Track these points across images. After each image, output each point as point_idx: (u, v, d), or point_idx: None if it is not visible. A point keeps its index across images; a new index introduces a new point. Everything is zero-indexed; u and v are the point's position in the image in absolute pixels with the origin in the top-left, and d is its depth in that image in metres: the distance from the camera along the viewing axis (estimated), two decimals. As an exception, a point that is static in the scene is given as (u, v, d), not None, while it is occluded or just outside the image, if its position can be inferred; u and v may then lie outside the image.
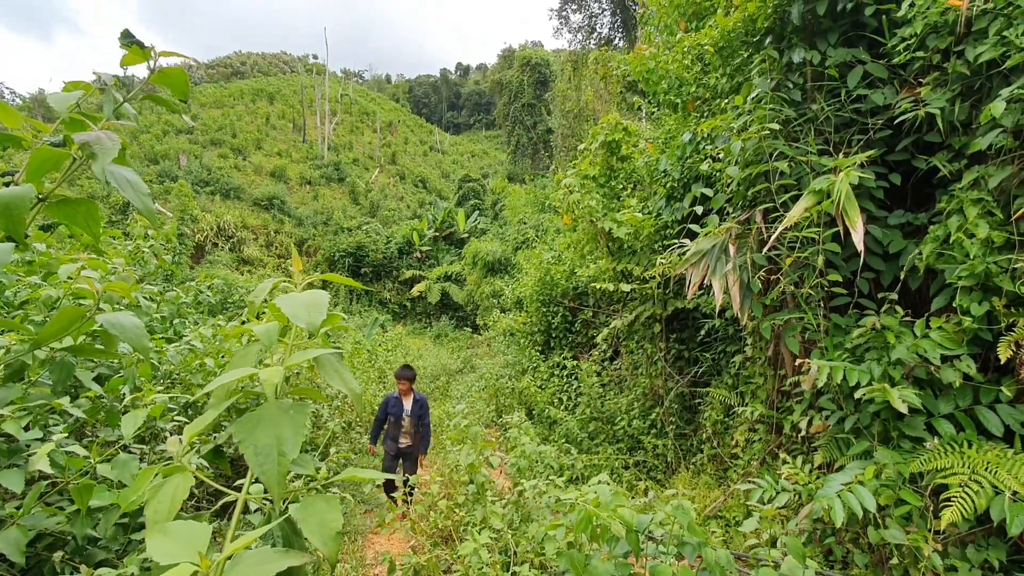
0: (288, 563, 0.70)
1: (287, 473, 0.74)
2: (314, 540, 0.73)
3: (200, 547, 0.69)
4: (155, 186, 25.31)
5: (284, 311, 0.85)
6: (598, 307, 8.34)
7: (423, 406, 5.84)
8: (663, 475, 5.72)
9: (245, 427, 0.76)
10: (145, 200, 0.86)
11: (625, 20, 22.19)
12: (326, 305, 0.88)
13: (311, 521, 0.75)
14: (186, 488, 0.81)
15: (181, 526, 0.73)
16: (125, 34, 0.89)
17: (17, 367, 1.65)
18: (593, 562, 2.02)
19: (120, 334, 1.00)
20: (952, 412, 2.82)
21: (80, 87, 0.91)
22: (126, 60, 0.91)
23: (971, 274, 2.65)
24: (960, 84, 2.85)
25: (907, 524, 2.67)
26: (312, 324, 0.84)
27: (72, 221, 0.91)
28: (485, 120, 73.12)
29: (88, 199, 0.92)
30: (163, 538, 0.70)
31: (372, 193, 34.74)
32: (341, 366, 0.91)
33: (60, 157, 0.81)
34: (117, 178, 0.82)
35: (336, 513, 0.77)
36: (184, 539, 0.71)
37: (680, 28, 6.04)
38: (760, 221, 3.67)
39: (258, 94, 46.94)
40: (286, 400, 0.84)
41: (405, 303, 24.03)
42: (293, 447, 0.75)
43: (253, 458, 0.73)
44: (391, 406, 5.73)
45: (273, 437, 0.75)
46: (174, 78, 0.94)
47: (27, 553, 1.75)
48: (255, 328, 0.90)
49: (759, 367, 4.33)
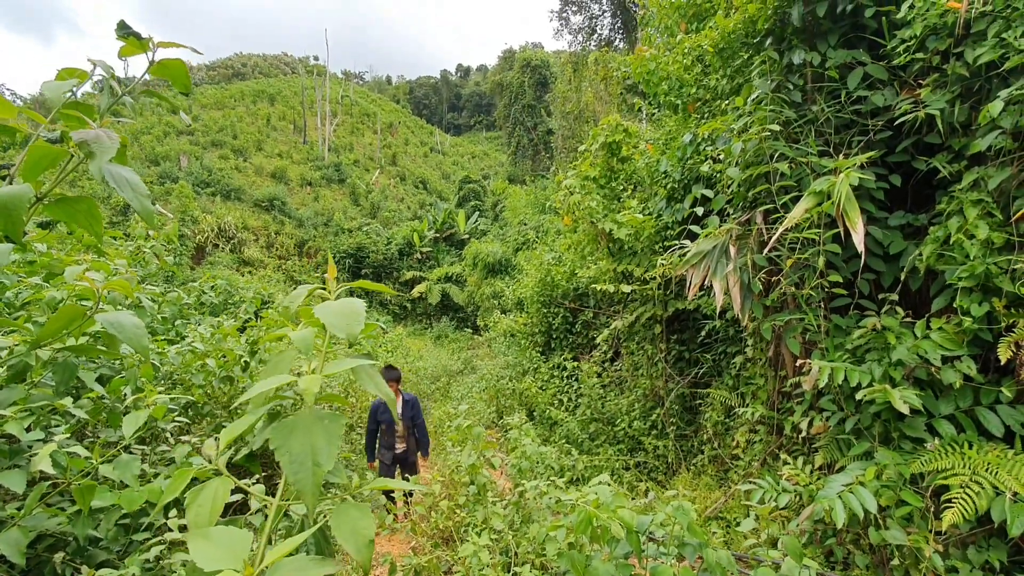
0: (325, 571, 0.70)
1: (321, 482, 0.74)
2: (348, 547, 0.74)
3: (242, 554, 0.69)
4: (156, 187, 25.35)
5: (322, 319, 0.85)
6: (599, 308, 8.35)
7: (414, 406, 5.56)
8: (664, 476, 5.72)
9: (281, 433, 0.76)
10: (144, 201, 0.86)
11: (625, 22, 22.22)
12: (363, 314, 0.88)
13: (344, 528, 0.75)
14: (226, 492, 0.81)
15: (223, 532, 0.73)
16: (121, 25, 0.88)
17: (20, 368, 1.66)
18: (594, 563, 2.02)
19: (119, 334, 1.00)
20: (953, 413, 2.82)
21: (75, 75, 0.90)
22: (123, 51, 0.90)
23: (971, 275, 2.65)
24: (959, 86, 2.85)
25: (908, 525, 2.67)
26: (351, 334, 0.83)
27: (73, 220, 0.91)
28: (486, 121, 73.20)
29: (88, 197, 0.92)
30: (206, 543, 0.70)
31: (373, 194, 34.77)
32: (374, 373, 0.92)
33: (57, 154, 0.80)
34: (116, 178, 0.82)
35: (369, 520, 0.77)
36: (226, 545, 0.71)
37: (680, 29, 6.05)
38: (761, 222, 3.67)
39: (259, 95, 46.99)
40: (320, 409, 0.84)
41: (405, 304, 24.03)
42: (328, 457, 0.75)
43: (288, 465, 0.73)
44: (380, 413, 5.42)
45: (308, 446, 0.75)
46: (174, 70, 0.93)
47: (28, 554, 1.76)
48: (291, 334, 0.89)
49: (760, 368, 4.33)
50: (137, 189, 0.85)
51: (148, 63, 0.91)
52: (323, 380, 0.87)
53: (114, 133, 0.83)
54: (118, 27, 0.88)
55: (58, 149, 0.79)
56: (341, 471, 0.94)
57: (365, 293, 24.45)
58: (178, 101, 40.10)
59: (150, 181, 25.52)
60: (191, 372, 3.43)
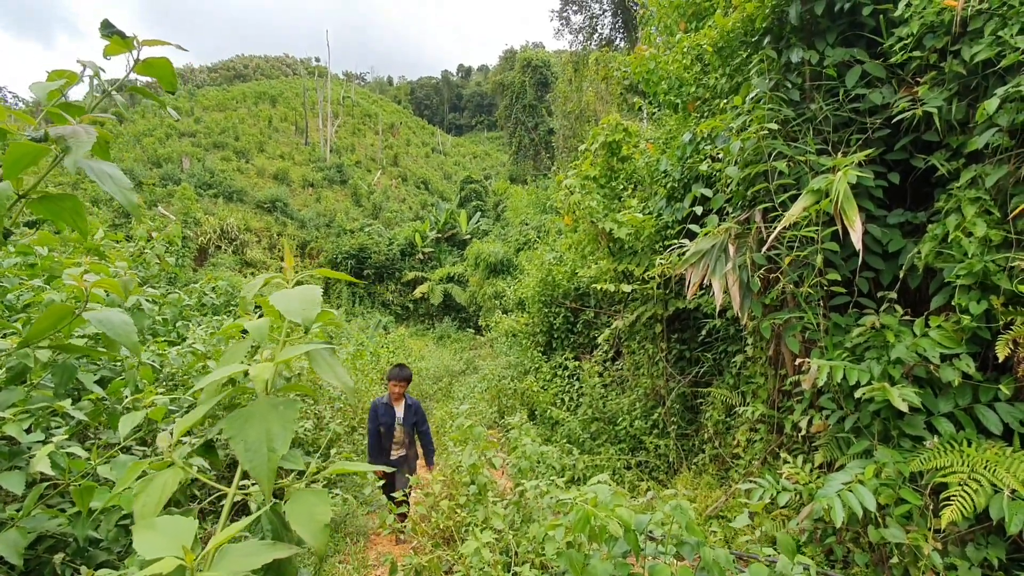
0: (274, 555, 0.71)
1: (276, 468, 0.75)
2: (302, 532, 0.74)
3: (185, 541, 0.70)
4: (158, 189, 25.44)
5: (277, 306, 0.86)
6: (600, 308, 8.35)
7: (418, 412, 5.19)
8: (665, 475, 5.72)
9: (235, 423, 0.78)
10: (127, 194, 0.87)
11: (626, 21, 22.21)
12: (319, 300, 0.89)
13: (300, 514, 0.76)
14: (175, 482, 0.82)
15: (167, 521, 0.75)
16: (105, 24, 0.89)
17: (19, 370, 1.67)
18: (592, 562, 2.02)
19: (108, 331, 1.01)
20: (952, 411, 2.82)
21: (64, 76, 0.91)
22: (108, 50, 0.91)
23: (969, 272, 2.65)
24: (957, 83, 2.85)
25: (907, 523, 2.67)
26: (307, 319, 0.84)
27: (58, 217, 0.92)
28: (487, 121, 73.20)
29: (73, 195, 0.93)
30: (150, 532, 0.72)
31: (374, 195, 34.82)
32: (333, 360, 0.92)
33: (39, 152, 0.81)
34: (97, 172, 0.83)
35: (325, 506, 0.78)
36: (170, 533, 0.72)
37: (680, 29, 6.04)
38: (760, 221, 3.67)
39: (260, 97, 47.10)
40: (276, 397, 0.85)
41: (408, 305, 24.06)
42: (283, 443, 0.76)
43: (243, 453, 0.75)
44: (381, 414, 5.06)
45: (263, 432, 0.76)
46: (159, 68, 0.94)
47: (28, 555, 1.77)
48: (246, 324, 0.91)
49: (760, 367, 4.33)
50: (119, 183, 0.86)
51: (133, 61, 0.92)
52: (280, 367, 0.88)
53: (92, 129, 0.83)
54: (102, 26, 0.89)
55: (39, 147, 0.80)
56: (297, 457, 0.94)
57: (368, 295, 24.53)
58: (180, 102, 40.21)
59: (152, 183, 25.62)
60: (192, 374, 3.45)
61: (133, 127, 32.85)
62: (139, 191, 24.81)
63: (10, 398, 1.67)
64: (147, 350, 2.86)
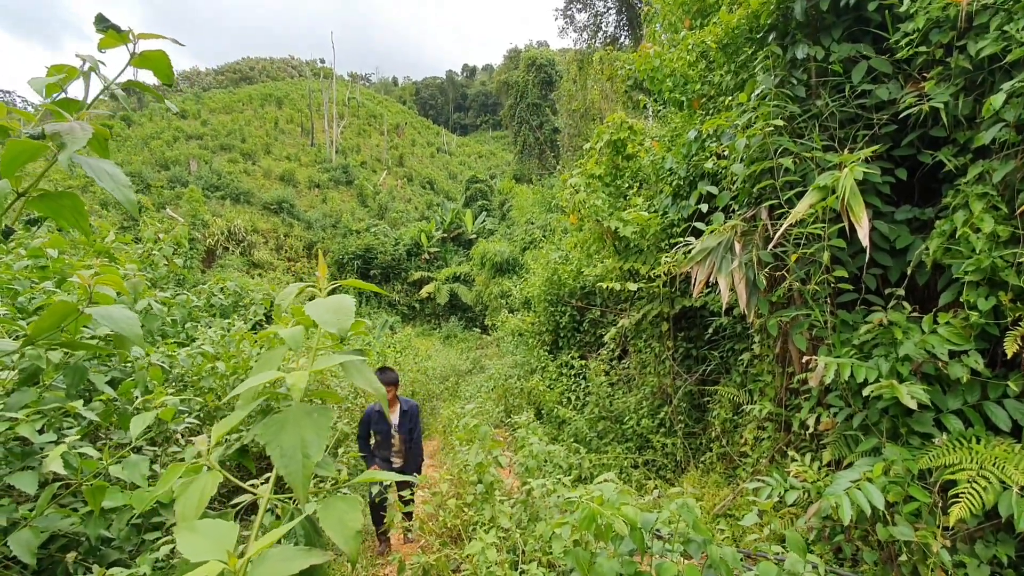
0: (311, 561, 0.72)
1: (311, 474, 0.76)
2: (335, 539, 0.76)
3: (228, 545, 0.71)
4: (166, 191, 25.65)
5: (312, 316, 0.87)
6: (606, 306, 8.34)
7: (413, 417, 4.82)
8: (672, 474, 5.71)
9: (271, 429, 0.79)
10: (125, 191, 0.88)
11: (631, 18, 22.14)
12: (353, 310, 0.90)
13: (332, 520, 0.77)
14: (214, 486, 0.84)
15: (210, 524, 0.76)
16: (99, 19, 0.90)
17: (32, 371, 1.70)
18: (599, 560, 2.03)
19: (112, 326, 1.03)
20: (961, 408, 2.80)
21: (63, 71, 0.92)
22: (103, 44, 0.91)
23: (977, 269, 2.63)
24: (963, 79, 2.83)
25: (916, 521, 2.66)
26: (342, 328, 0.86)
27: (57, 215, 0.93)
28: (492, 121, 73.26)
29: (72, 193, 0.94)
30: (192, 535, 0.73)
31: (380, 195, 34.94)
32: (366, 369, 0.93)
33: (36, 149, 0.81)
34: (94, 169, 0.85)
35: (356, 513, 0.79)
36: (213, 537, 0.73)
37: (685, 26, 6.03)
38: (766, 218, 3.65)
39: (266, 99, 47.36)
40: (309, 404, 0.87)
41: (414, 304, 24.14)
42: (317, 450, 0.77)
43: (279, 459, 0.76)
44: (374, 423, 4.73)
45: (298, 439, 0.77)
46: (156, 61, 0.95)
47: (41, 554, 1.80)
48: (281, 331, 0.92)
49: (767, 365, 4.31)
50: (117, 180, 0.87)
51: (129, 55, 0.93)
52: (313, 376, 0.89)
53: (87, 125, 0.84)
54: (96, 20, 0.90)
55: (36, 144, 0.81)
56: (330, 464, 0.96)
57: (374, 295, 24.63)
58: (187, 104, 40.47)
59: (160, 186, 25.83)
60: (202, 375, 3.48)
61: (141, 130, 33.14)
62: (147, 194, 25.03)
63: (23, 399, 1.70)
64: (157, 351, 2.89)
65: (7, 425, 1.66)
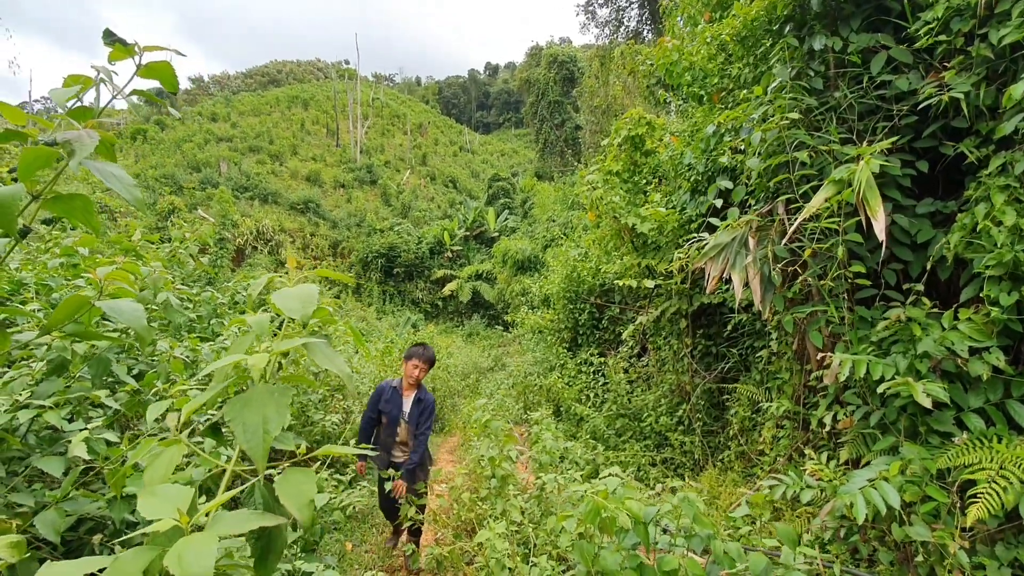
0: (262, 523, 0.78)
1: (269, 447, 0.82)
2: (290, 506, 0.81)
3: (182, 506, 0.77)
4: (198, 192, 26.40)
5: (277, 304, 0.93)
6: (625, 303, 8.30)
7: (426, 410, 4.13)
8: (691, 472, 5.67)
9: (235, 407, 0.85)
10: (131, 190, 0.95)
11: (653, 12, 21.87)
12: (316, 298, 0.96)
13: (289, 490, 0.83)
14: (179, 457, 0.91)
15: (169, 488, 0.83)
16: (107, 33, 0.96)
17: (59, 362, 1.80)
18: (603, 553, 2.05)
19: (119, 317, 1.10)
20: (982, 406, 2.72)
21: (79, 81, 0.99)
22: (112, 56, 0.98)
23: (999, 263, 2.55)
24: (985, 67, 2.74)
25: (935, 521, 2.60)
26: (304, 315, 0.92)
27: (70, 215, 1.01)
28: (514, 119, 73.27)
29: (83, 194, 1.02)
30: (152, 498, 0.80)
31: (403, 194, 35.32)
32: (331, 351, 0.98)
33: (50, 155, 0.89)
34: (102, 172, 0.91)
35: (311, 484, 0.84)
36: (170, 499, 0.80)
37: (704, 19, 5.95)
38: (782, 213, 3.60)
39: (293, 101, 48.31)
40: (273, 384, 0.92)
41: (437, 302, 24.37)
42: (276, 425, 0.83)
43: (241, 435, 0.82)
44: (385, 399, 4.11)
45: (260, 416, 0.83)
46: (160, 72, 1.01)
47: (70, 536, 1.91)
48: (248, 319, 0.99)
49: (785, 362, 4.25)
50: (123, 180, 0.94)
51: (136, 66, 0.99)
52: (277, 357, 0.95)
53: (95, 132, 0.91)
54: (104, 35, 0.97)
55: (49, 150, 0.88)
56: (289, 439, 1.01)
57: (398, 293, 24.95)
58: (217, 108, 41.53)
59: (192, 187, 26.61)
60: (224, 368, 3.60)
61: (174, 133, 34.17)
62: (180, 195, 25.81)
63: (51, 388, 1.80)
64: (181, 345, 3.01)
65: (36, 412, 1.76)
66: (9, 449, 1.91)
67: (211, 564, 0.61)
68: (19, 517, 1.74)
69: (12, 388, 1.93)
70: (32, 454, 1.92)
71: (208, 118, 39.42)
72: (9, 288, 3.13)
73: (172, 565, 0.61)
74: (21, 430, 1.97)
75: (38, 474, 2.13)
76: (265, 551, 0.87)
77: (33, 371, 1.99)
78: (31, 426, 1.98)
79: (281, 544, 0.88)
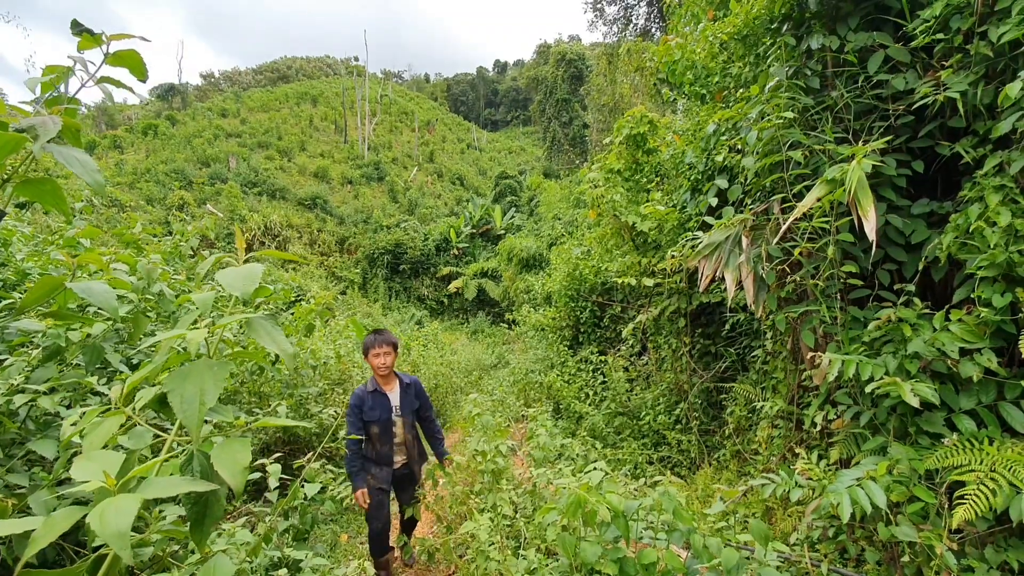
0: (192, 487, 0.82)
1: (204, 417, 0.86)
2: (224, 474, 0.84)
3: (112, 470, 0.81)
4: (207, 188, 26.64)
5: (221, 282, 0.97)
6: (626, 302, 8.30)
7: (420, 393, 3.76)
8: (687, 471, 5.67)
9: (175, 380, 0.89)
10: (94, 175, 0.98)
11: (661, 10, 21.77)
12: (259, 277, 0.99)
13: (224, 458, 0.86)
14: (116, 426, 0.95)
15: (103, 454, 0.87)
16: (74, 24, 1.00)
17: (54, 349, 1.85)
18: (583, 545, 2.07)
19: (90, 298, 1.14)
20: (974, 408, 2.71)
21: (56, 71, 1.03)
22: (81, 45, 1.02)
23: (992, 264, 2.54)
24: (983, 66, 2.72)
25: (922, 522, 2.60)
26: (245, 292, 0.95)
27: (40, 199, 1.05)
28: (522, 116, 73.19)
29: (52, 179, 1.05)
30: (87, 463, 0.84)
31: (410, 191, 35.43)
32: (273, 329, 1.01)
33: (19, 140, 0.92)
34: (65, 156, 0.95)
35: (246, 453, 0.88)
36: (103, 463, 0.84)
37: (708, 17, 5.93)
38: (777, 212, 3.60)
39: (302, 97, 48.56)
40: (213, 359, 0.96)
41: (442, 299, 24.44)
42: (212, 396, 0.87)
43: (178, 405, 0.86)
44: (370, 408, 3.54)
45: (198, 388, 0.87)
46: (128, 59, 1.05)
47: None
48: (193, 296, 1.03)
49: (780, 361, 4.25)
50: (86, 165, 0.97)
51: (103, 55, 1.03)
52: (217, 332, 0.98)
53: (58, 118, 0.95)
54: (72, 25, 1.00)
55: (17, 136, 0.91)
56: (228, 411, 1.04)
57: (403, 290, 25.04)
58: (228, 104, 41.80)
59: (201, 182, 26.84)
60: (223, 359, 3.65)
61: (184, 128, 34.47)
62: (190, 190, 26.05)
63: (45, 374, 1.85)
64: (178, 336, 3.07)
65: (31, 397, 1.81)
66: (7, 432, 1.96)
67: (128, 523, 0.64)
68: (15, 497, 1.80)
69: (9, 373, 1.99)
70: (30, 438, 1.97)
71: (218, 114, 39.72)
72: (15, 278, 3.20)
73: (94, 523, 0.65)
74: (20, 414, 2.02)
75: (38, 458, 2.19)
76: (200, 516, 0.91)
77: (30, 357, 2.04)
78: (29, 411, 2.04)
79: (218, 510, 0.92)
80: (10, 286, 3.11)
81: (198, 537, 0.91)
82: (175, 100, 49.12)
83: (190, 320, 1.05)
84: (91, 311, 2.58)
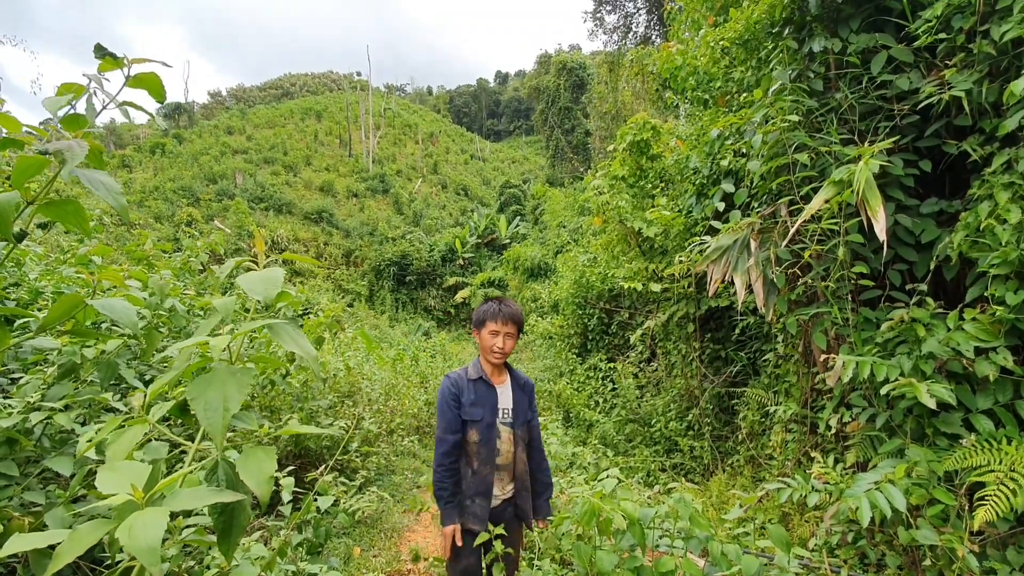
0: (219, 499, 0.82)
1: (228, 425, 0.86)
2: (250, 483, 0.84)
3: (139, 482, 0.81)
4: (214, 204, 26.90)
5: (242, 286, 0.97)
6: (634, 308, 8.27)
7: (533, 399, 2.68)
8: (700, 477, 5.62)
9: (198, 386, 0.89)
10: (118, 198, 1.00)
11: (661, 18, 21.88)
12: (281, 280, 1.00)
13: (250, 467, 0.86)
14: (140, 434, 0.95)
15: (129, 465, 0.87)
16: (97, 48, 1.02)
17: (69, 366, 1.86)
18: (599, 554, 2.05)
19: (111, 315, 1.15)
20: (991, 407, 2.67)
21: (72, 90, 1.05)
22: (102, 68, 1.04)
23: (1004, 262, 2.52)
24: (987, 64, 2.72)
25: (942, 524, 2.56)
26: (267, 297, 0.96)
27: (63, 220, 1.06)
28: (525, 126, 73.60)
29: (74, 200, 1.07)
30: (112, 474, 0.84)
31: (415, 203, 35.61)
32: (296, 333, 1.01)
33: (42, 163, 0.94)
34: (91, 180, 0.96)
35: (271, 462, 0.88)
36: (129, 475, 0.84)
37: (708, 23, 5.96)
38: (785, 215, 3.59)
39: (307, 113, 49.07)
40: (235, 365, 0.96)
41: (449, 310, 24.47)
42: (236, 403, 0.87)
43: (202, 412, 0.86)
44: (468, 403, 2.42)
45: (221, 395, 0.87)
46: (148, 82, 1.06)
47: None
48: (214, 301, 1.03)
49: (792, 364, 4.21)
50: (111, 188, 0.99)
51: (124, 78, 1.05)
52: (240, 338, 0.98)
53: (84, 142, 0.96)
54: (95, 49, 1.02)
55: (41, 159, 0.93)
56: (252, 418, 1.04)
57: (410, 301, 25.10)
58: (233, 121, 42.29)
59: (208, 198, 27.11)
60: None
61: (191, 146, 34.89)
62: (197, 207, 26.31)
63: (61, 391, 1.87)
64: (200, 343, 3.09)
65: (47, 414, 1.82)
66: (23, 450, 1.98)
67: (159, 537, 0.65)
68: (32, 515, 1.81)
69: (25, 391, 2.01)
70: (46, 456, 1.99)
71: (224, 131, 40.20)
72: (28, 297, 3.24)
73: (123, 537, 0.65)
74: (36, 432, 2.04)
75: (53, 476, 2.20)
76: (227, 526, 0.91)
77: (45, 375, 2.06)
78: (45, 429, 2.06)
79: (244, 520, 0.91)
80: (23, 305, 3.15)
81: (225, 548, 0.90)
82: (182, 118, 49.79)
83: (208, 328, 1.05)
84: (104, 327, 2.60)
